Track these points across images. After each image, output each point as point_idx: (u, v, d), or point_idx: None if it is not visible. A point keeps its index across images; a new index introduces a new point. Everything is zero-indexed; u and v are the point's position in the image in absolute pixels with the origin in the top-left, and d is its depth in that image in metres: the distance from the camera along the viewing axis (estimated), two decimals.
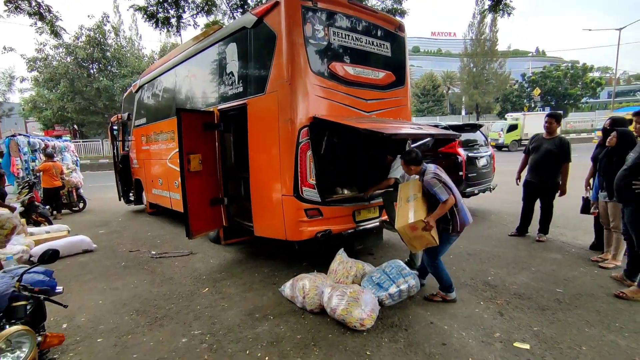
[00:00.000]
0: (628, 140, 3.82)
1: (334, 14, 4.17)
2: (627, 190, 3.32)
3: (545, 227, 5.26)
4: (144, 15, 8.77)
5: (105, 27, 25.36)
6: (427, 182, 3.27)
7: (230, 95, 4.69)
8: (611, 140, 3.92)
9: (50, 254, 2.14)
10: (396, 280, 3.41)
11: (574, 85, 37.97)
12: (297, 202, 3.88)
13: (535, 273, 4.10)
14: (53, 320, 3.36)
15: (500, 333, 2.91)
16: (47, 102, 25.15)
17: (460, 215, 3.31)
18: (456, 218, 3.30)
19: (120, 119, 9.27)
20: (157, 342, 3.01)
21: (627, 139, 3.82)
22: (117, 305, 3.76)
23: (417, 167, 3.44)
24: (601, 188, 4.19)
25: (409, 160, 3.46)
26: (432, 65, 60.31)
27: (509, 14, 7.53)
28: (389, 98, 4.70)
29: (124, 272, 4.77)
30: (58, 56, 24.83)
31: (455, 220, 3.30)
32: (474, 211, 7.30)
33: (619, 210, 3.80)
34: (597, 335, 2.84)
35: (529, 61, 59.60)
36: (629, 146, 3.74)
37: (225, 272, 4.54)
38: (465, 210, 3.37)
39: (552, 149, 4.95)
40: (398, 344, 2.82)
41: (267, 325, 3.18)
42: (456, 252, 4.89)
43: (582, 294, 3.54)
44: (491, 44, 39.30)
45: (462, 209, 3.34)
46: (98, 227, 7.53)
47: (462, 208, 3.35)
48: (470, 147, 6.89)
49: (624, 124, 4.27)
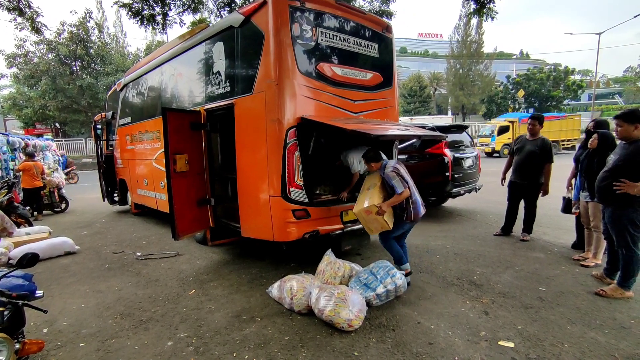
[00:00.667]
0: (608, 142, 3.94)
1: (321, 14, 4.16)
2: (608, 191, 3.40)
3: (529, 226, 5.37)
4: (128, 12, 8.60)
5: (89, 23, 24.84)
6: (386, 174, 3.65)
7: (217, 94, 4.64)
8: (593, 142, 4.04)
9: (29, 257, 2.08)
10: (383, 281, 3.43)
11: (556, 88, 38.87)
12: (285, 202, 3.86)
13: (519, 272, 4.18)
14: (33, 325, 3.26)
15: (486, 332, 2.95)
16: (28, 99, 24.52)
17: (414, 206, 3.71)
18: (410, 208, 3.69)
19: (104, 118, 9.08)
20: (142, 345, 2.95)
21: (608, 141, 3.94)
22: (101, 308, 3.67)
23: (378, 164, 3.82)
24: (582, 188, 4.30)
25: (369, 158, 3.85)
26: (419, 66, 60.93)
27: (492, 18, 7.67)
28: (377, 99, 4.72)
29: (108, 274, 4.68)
30: (39, 52, 24.21)
31: (410, 210, 3.69)
32: (459, 211, 7.43)
33: (599, 211, 3.91)
34: (579, 332, 2.90)
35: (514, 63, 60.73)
36: (609, 148, 3.85)
37: (212, 274, 4.49)
38: (419, 203, 3.77)
39: (534, 150, 5.06)
40: (386, 344, 2.83)
41: (255, 327, 3.15)
42: (443, 252, 4.96)
43: (564, 292, 3.63)
44: (477, 46, 39.96)
45: (416, 201, 3.73)
46: (81, 229, 7.36)
47: (417, 200, 3.74)
48: (456, 148, 6.98)
49: (607, 126, 4.40)
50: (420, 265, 4.48)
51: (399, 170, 3.66)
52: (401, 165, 3.82)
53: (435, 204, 7.88)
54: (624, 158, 3.33)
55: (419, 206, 3.76)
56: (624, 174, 3.29)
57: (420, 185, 6.59)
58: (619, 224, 3.40)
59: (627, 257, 3.40)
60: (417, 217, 3.72)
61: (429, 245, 5.27)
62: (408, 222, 3.75)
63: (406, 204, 3.67)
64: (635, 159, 3.24)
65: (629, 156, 3.29)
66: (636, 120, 3.27)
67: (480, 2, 7.53)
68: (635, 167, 3.24)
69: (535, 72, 40.16)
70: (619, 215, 3.39)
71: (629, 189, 3.23)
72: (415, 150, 6.81)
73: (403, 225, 3.80)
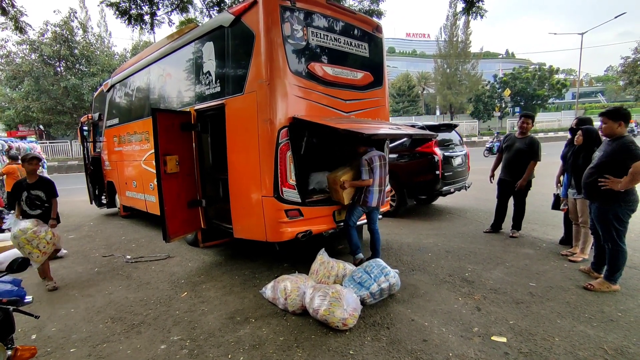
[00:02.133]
0: (593, 137, 4.03)
1: (312, 14, 4.16)
2: (593, 187, 3.49)
3: (518, 223, 5.46)
4: (115, 12, 8.46)
5: (73, 23, 24.34)
6: (362, 160, 4.13)
7: (208, 95, 4.60)
8: (578, 139, 4.13)
9: (19, 262, 2.03)
10: (377, 279, 3.44)
11: (542, 87, 39.54)
12: (278, 202, 3.85)
13: (510, 268, 4.25)
14: (21, 331, 3.19)
15: (479, 327, 2.99)
16: (10, 101, 23.95)
17: (368, 195, 4.18)
18: (364, 195, 4.19)
19: (90, 119, 8.92)
20: (134, 349, 2.91)
21: (592, 137, 4.04)
22: (91, 312, 3.61)
23: (364, 148, 4.25)
24: (570, 185, 4.38)
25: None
26: (407, 65, 61.29)
27: (481, 16, 7.74)
28: (368, 98, 4.74)
29: (98, 278, 4.60)
30: (22, 53, 23.64)
31: (363, 196, 4.19)
32: (450, 209, 7.51)
33: (586, 207, 4.00)
34: (568, 326, 2.96)
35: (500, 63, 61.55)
36: (594, 143, 3.95)
37: (205, 276, 4.45)
38: (373, 196, 4.20)
39: (522, 148, 5.15)
40: (380, 342, 2.85)
41: (249, 329, 3.14)
42: (434, 249, 5.00)
43: (553, 286, 3.70)
44: (464, 46, 40.40)
45: (372, 192, 4.18)
46: (68, 232, 7.21)
47: (372, 192, 4.19)
48: (446, 146, 7.05)
49: (590, 123, 4.49)
50: (412, 264, 4.52)
51: (372, 162, 4.11)
52: (379, 159, 4.20)
53: (426, 202, 7.95)
54: (607, 155, 3.43)
55: (372, 198, 4.20)
56: (608, 170, 3.38)
57: (411, 183, 6.74)
58: (605, 219, 3.48)
59: (613, 252, 3.49)
60: (365, 204, 4.20)
61: (421, 244, 5.31)
62: (359, 205, 4.22)
63: (364, 192, 4.17)
64: (618, 155, 3.33)
65: (612, 153, 3.38)
66: (620, 118, 3.36)
67: (469, 1, 7.61)
68: (618, 164, 3.33)
69: (521, 71, 40.79)
70: (604, 210, 3.47)
71: (612, 185, 3.32)
72: (405, 149, 6.85)
73: (355, 207, 4.24)
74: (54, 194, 4.41)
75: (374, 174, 4.12)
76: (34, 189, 4.30)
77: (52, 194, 4.40)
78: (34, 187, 4.31)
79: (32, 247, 4.03)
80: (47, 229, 4.18)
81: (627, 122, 3.40)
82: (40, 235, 4.06)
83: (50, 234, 4.17)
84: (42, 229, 4.11)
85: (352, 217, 4.26)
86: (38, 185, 4.33)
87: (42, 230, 4.11)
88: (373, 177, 4.11)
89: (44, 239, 4.09)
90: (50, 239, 4.17)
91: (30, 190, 4.29)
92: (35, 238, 4.02)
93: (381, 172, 4.22)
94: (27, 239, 4.00)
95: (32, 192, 4.29)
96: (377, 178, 4.17)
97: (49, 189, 4.38)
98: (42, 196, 4.34)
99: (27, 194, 4.27)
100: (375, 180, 4.14)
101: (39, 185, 4.34)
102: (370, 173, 4.10)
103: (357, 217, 4.29)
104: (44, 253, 4.13)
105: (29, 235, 4.00)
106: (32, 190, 4.30)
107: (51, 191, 4.39)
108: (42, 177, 4.47)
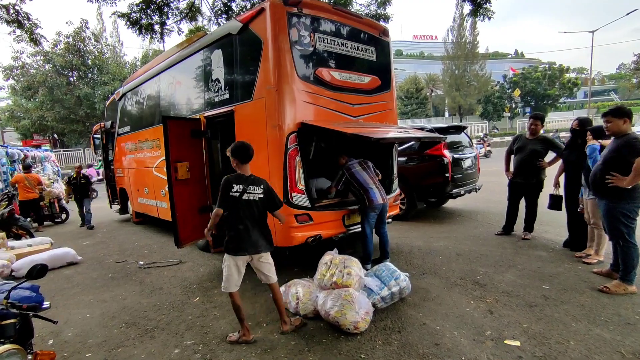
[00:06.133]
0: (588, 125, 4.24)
1: (319, 20, 4.20)
2: (601, 184, 3.48)
3: (530, 225, 5.39)
4: (127, 22, 8.65)
5: (85, 33, 24.89)
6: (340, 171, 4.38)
7: (217, 102, 4.67)
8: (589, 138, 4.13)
9: (38, 269, 2.09)
10: (388, 283, 3.43)
11: (552, 86, 39.05)
12: (287, 207, 3.87)
13: (522, 270, 4.19)
14: (39, 336, 3.25)
15: (491, 331, 2.96)
16: (25, 111, 24.54)
17: (369, 194, 4.19)
18: (365, 198, 4.20)
19: (103, 128, 9.11)
20: (148, 354, 2.95)
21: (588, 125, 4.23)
22: (106, 318, 3.68)
23: (345, 158, 4.43)
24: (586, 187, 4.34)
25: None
26: (414, 68, 61.19)
27: (489, 18, 7.71)
28: (376, 102, 4.76)
29: (112, 283, 4.67)
30: (36, 64, 24.25)
31: (365, 199, 4.21)
32: (460, 212, 7.44)
33: (597, 208, 3.95)
34: (584, 329, 2.91)
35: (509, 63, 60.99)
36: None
37: (216, 281, 4.49)
38: (373, 192, 4.23)
39: (537, 149, 5.08)
40: (392, 346, 2.84)
41: (261, 333, 3.16)
42: (445, 253, 4.97)
43: (567, 289, 3.64)
44: (472, 47, 40.19)
45: (370, 190, 4.21)
46: (82, 239, 7.35)
47: (371, 190, 4.22)
48: (455, 148, 7.02)
49: (590, 124, 4.47)
50: (423, 267, 4.49)
51: (346, 173, 4.30)
52: (359, 164, 4.36)
53: (436, 205, 7.90)
54: (613, 151, 3.43)
55: (373, 193, 4.21)
56: (615, 167, 3.38)
57: (421, 186, 6.70)
58: (613, 216, 3.47)
59: (625, 249, 3.46)
60: (372, 203, 4.18)
61: (431, 247, 5.28)
62: (368, 209, 4.22)
63: (362, 193, 4.20)
64: (623, 152, 3.33)
65: (617, 149, 3.39)
66: (624, 115, 3.39)
67: (476, 3, 7.59)
68: (624, 161, 3.32)
69: (531, 70, 40.37)
70: (612, 207, 3.47)
71: (619, 182, 3.32)
72: (414, 152, 6.83)
73: (366, 212, 4.25)
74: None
75: (358, 177, 4.23)
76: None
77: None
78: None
79: None
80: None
81: (631, 119, 3.42)
82: None
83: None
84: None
85: (369, 222, 4.26)
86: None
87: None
88: (359, 179, 4.22)
89: None
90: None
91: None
92: None
93: (367, 173, 4.31)
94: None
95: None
96: (366, 178, 4.25)
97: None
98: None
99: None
100: (364, 180, 4.24)
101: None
102: (337, 183, 4.33)
103: (372, 221, 4.29)
104: None
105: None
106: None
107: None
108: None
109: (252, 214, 2.93)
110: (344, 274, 3.31)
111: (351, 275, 3.29)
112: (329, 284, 3.33)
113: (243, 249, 2.91)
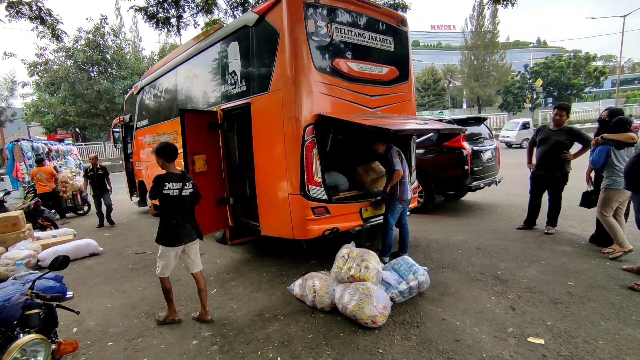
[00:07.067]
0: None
1: (335, 10, 4.12)
2: (637, 177, 3.30)
3: (553, 219, 5.21)
4: (144, 16, 8.73)
5: (104, 29, 25.33)
6: (391, 152, 4.25)
7: (233, 94, 4.65)
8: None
9: (61, 260, 2.12)
10: (406, 277, 3.38)
11: (577, 75, 37.62)
12: (304, 200, 3.85)
13: (545, 266, 4.06)
14: (63, 324, 3.34)
15: (514, 328, 2.88)
16: (49, 106, 25.23)
17: (403, 187, 4.21)
18: (399, 190, 4.20)
19: (122, 121, 9.27)
20: (167, 344, 3.00)
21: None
22: (126, 308, 3.75)
23: (385, 145, 4.29)
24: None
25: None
26: (432, 58, 59.89)
27: (512, 4, 7.43)
28: (394, 93, 4.66)
29: (132, 274, 4.77)
30: (58, 60, 24.85)
31: (398, 191, 4.21)
32: (479, 205, 7.27)
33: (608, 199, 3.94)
34: (613, 328, 2.80)
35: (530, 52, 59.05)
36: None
37: (233, 273, 4.52)
38: (406, 187, 4.25)
39: (562, 140, 4.88)
40: (410, 342, 2.79)
41: (278, 325, 3.16)
42: (464, 247, 4.86)
43: (595, 286, 3.50)
44: (492, 36, 39.02)
45: (405, 184, 4.22)
46: (103, 230, 7.54)
47: (405, 184, 4.23)
48: (474, 140, 6.83)
49: (622, 114, 4.26)
50: (442, 261, 4.41)
51: (400, 154, 4.24)
52: (397, 156, 4.24)
53: (455, 198, 7.74)
54: None
55: (406, 188, 4.23)
56: None
57: (439, 179, 6.57)
58: None
59: None
60: (402, 197, 4.20)
61: (450, 240, 5.18)
62: (396, 201, 4.21)
63: (399, 184, 4.18)
64: None
65: None
66: None
67: None
68: None
69: (554, 59, 38.95)
70: None
71: None
72: (432, 144, 6.69)
73: (394, 205, 4.23)
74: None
75: (403, 164, 4.20)
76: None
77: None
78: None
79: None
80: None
81: None
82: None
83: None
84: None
85: (393, 215, 4.27)
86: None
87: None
88: (403, 168, 4.16)
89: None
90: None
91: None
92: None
93: (404, 164, 4.29)
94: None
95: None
96: (406, 170, 4.25)
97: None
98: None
99: None
100: (405, 171, 4.22)
101: None
102: (400, 163, 4.17)
103: (397, 214, 4.29)
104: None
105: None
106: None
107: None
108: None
109: (188, 208, 3.27)
110: (361, 267, 3.27)
111: (369, 269, 3.25)
112: (346, 278, 3.30)
113: (181, 240, 3.22)
